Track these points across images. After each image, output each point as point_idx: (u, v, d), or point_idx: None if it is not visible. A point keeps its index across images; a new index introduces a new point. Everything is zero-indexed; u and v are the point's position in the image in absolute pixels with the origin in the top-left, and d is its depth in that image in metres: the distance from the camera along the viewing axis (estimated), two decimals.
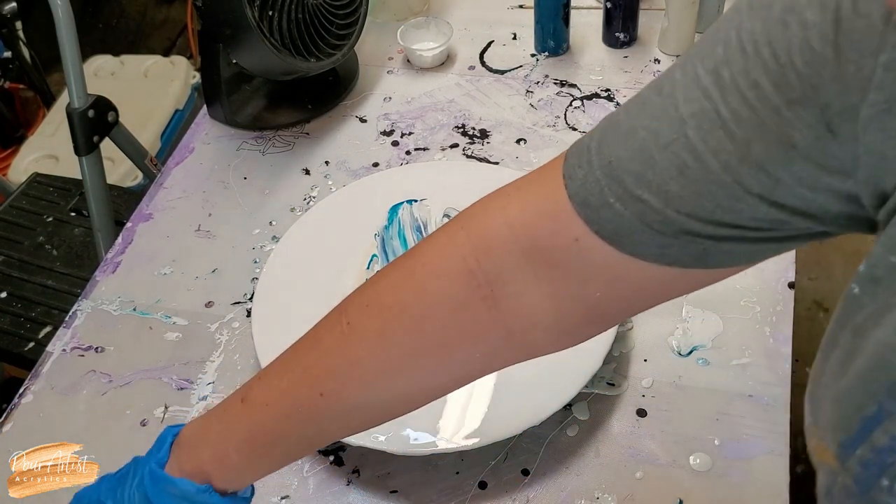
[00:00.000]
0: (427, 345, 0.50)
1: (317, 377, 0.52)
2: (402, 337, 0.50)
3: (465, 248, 0.49)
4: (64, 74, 1.12)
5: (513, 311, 0.49)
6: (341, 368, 0.51)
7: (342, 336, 0.52)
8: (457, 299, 0.49)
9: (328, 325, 0.53)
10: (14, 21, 2.00)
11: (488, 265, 0.48)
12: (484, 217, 0.50)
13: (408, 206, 0.94)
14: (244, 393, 0.54)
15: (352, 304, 0.53)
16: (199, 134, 1.12)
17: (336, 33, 1.07)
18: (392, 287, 0.51)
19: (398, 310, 0.50)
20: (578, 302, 0.48)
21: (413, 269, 0.51)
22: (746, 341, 0.81)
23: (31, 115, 2.19)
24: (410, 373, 0.51)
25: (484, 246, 0.48)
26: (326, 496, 0.74)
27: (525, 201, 0.48)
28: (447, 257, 0.49)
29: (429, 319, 0.50)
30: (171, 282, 0.93)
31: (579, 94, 1.10)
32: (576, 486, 0.73)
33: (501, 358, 0.52)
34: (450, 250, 0.49)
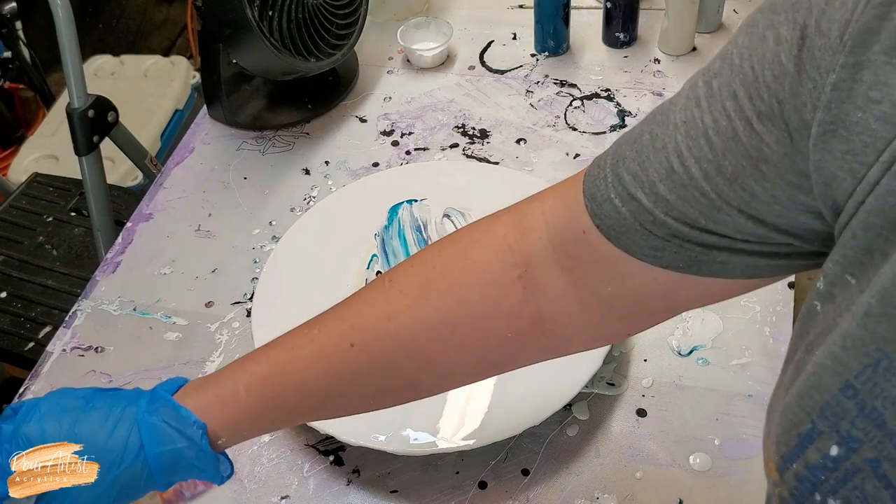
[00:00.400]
0: (463, 312, 0.51)
1: (349, 325, 0.52)
2: (440, 299, 0.51)
3: (507, 227, 0.51)
4: (64, 74, 1.12)
5: (543, 294, 0.50)
6: (376, 320, 0.51)
7: (382, 291, 0.52)
8: (496, 272, 0.50)
9: (370, 285, 0.54)
10: (14, 21, 2.00)
11: (524, 246, 0.50)
12: (527, 203, 0.52)
13: (408, 206, 0.94)
14: (275, 340, 0.54)
15: (397, 267, 0.54)
16: (199, 134, 1.12)
17: (336, 33, 1.07)
18: (438, 252, 0.53)
19: (440, 271, 0.51)
20: (596, 296, 0.49)
21: (459, 238, 0.53)
22: (746, 341, 0.81)
23: (31, 115, 2.20)
24: (442, 339, 0.51)
25: (521, 227, 0.50)
26: (326, 496, 0.74)
27: (558, 194, 0.50)
28: (491, 232, 0.51)
29: (468, 286, 0.51)
30: (171, 282, 0.93)
31: (579, 94, 1.10)
32: (576, 486, 0.73)
33: (531, 346, 0.52)
34: (495, 227, 0.52)
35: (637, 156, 0.44)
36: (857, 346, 0.34)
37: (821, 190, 0.37)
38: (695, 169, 0.41)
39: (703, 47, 1.15)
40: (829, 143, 0.36)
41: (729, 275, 0.44)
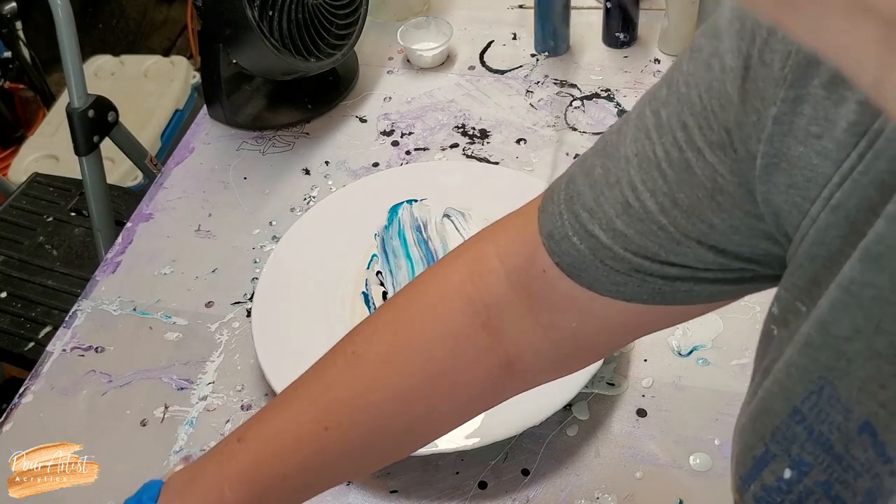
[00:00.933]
0: (433, 372, 0.50)
1: (322, 409, 0.50)
2: (407, 364, 0.50)
3: (462, 275, 0.49)
4: (64, 74, 1.12)
5: (510, 337, 0.49)
6: (347, 399, 0.50)
7: (347, 365, 0.51)
8: (459, 326, 0.49)
9: (333, 356, 0.52)
10: (14, 21, 2.00)
11: (483, 292, 0.49)
12: (479, 246, 0.50)
13: (408, 206, 0.94)
14: (241, 433, 0.52)
15: (357, 334, 0.52)
16: (199, 134, 1.12)
17: (336, 33, 1.07)
18: (397, 315, 0.51)
19: (403, 335, 0.50)
20: (562, 332, 0.48)
21: (417, 297, 0.51)
22: (746, 341, 0.81)
23: (31, 115, 2.20)
24: (417, 403, 0.50)
25: (478, 273, 0.49)
26: (326, 496, 0.74)
27: (511, 232, 0.49)
28: (449, 285, 0.50)
29: (433, 345, 0.50)
30: (171, 282, 0.93)
31: (579, 94, 1.10)
32: (576, 486, 0.73)
33: (505, 387, 0.52)
34: (451, 278, 0.50)
35: (591, 191, 0.43)
36: (800, 373, 0.34)
37: (771, 220, 0.37)
38: (651, 203, 0.40)
39: None
40: (773, 177, 0.35)
41: (694, 301, 0.44)
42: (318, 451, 0.50)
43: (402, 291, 0.52)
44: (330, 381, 0.51)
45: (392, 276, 0.88)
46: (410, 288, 0.52)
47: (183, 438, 0.78)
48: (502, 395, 0.53)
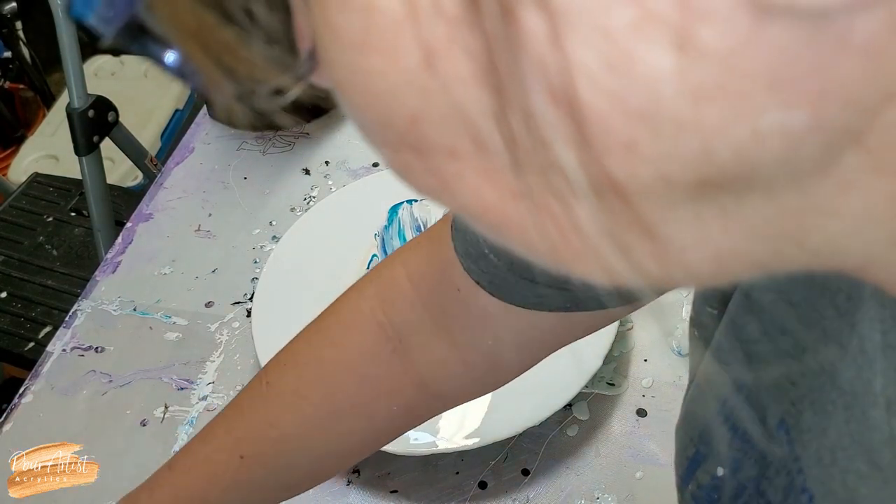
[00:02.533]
0: (343, 401, 0.49)
1: (237, 440, 0.50)
2: (317, 394, 0.49)
3: (373, 300, 0.49)
4: (64, 74, 1.12)
5: (422, 361, 0.48)
6: (260, 429, 0.50)
7: (261, 397, 0.51)
8: (369, 352, 0.49)
9: (250, 388, 0.52)
10: (14, 21, 2.00)
11: (394, 317, 0.48)
12: (389, 269, 0.50)
13: (408, 206, 0.94)
14: (171, 462, 0.53)
15: (271, 364, 0.52)
16: (199, 134, 1.12)
17: None
18: (307, 344, 0.51)
19: (313, 365, 0.50)
20: (477, 351, 0.47)
21: (327, 324, 0.51)
22: None
23: (31, 115, 2.20)
24: (329, 432, 0.50)
25: (388, 298, 0.48)
26: (326, 496, 0.74)
27: (421, 253, 0.48)
28: (358, 311, 0.49)
29: (343, 374, 0.49)
30: (171, 282, 0.93)
31: None
32: (576, 486, 0.73)
33: (421, 410, 0.51)
34: (360, 304, 0.50)
35: None
36: (717, 377, 0.35)
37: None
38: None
39: None
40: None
41: (615, 304, 0.43)
42: (236, 480, 0.50)
43: (316, 320, 0.52)
44: (245, 412, 0.51)
45: None
46: (323, 316, 0.51)
47: (183, 438, 0.78)
48: (419, 418, 0.52)
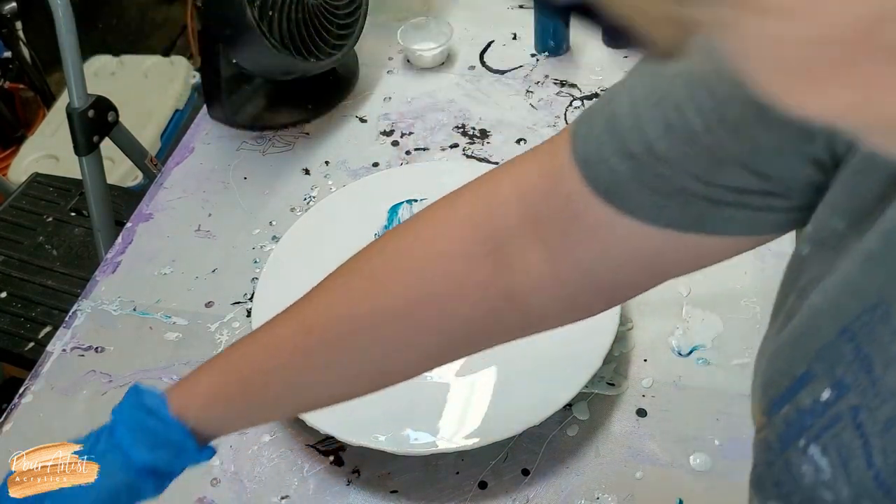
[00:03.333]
0: (424, 292, 0.49)
1: (308, 315, 0.51)
2: (398, 282, 0.49)
3: (472, 206, 0.49)
4: (64, 74, 1.12)
5: (516, 269, 0.48)
6: (334, 307, 0.50)
7: (342, 278, 0.52)
8: (460, 251, 0.49)
9: (330, 275, 0.53)
10: (14, 21, 2.00)
11: (493, 222, 0.48)
12: (492, 181, 0.50)
13: (408, 206, 0.94)
14: (237, 342, 0.54)
15: (358, 254, 0.52)
16: (199, 134, 1.12)
17: (336, 33, 1.07)
18: (396, 235, 0.52)
19: (400, 254, 0.50)
20: (575, 268, 0.47)
21: (419, 220, 0.51)
22: (746, 341, 0.81)
23: (31, 115, 2.20)
24: (405, 324, 0.49)
25: (489, 204, 0.48)
26: (326, 496, 0.74)
27: (531, 163, 0.48)
28: (454, 214, 0.50)
29: (428, 266, 0.49)
30: (171, 282, 0.93)
31: (579, 94, 1.10)
32: (576, 486, 0.73)
33: (498, 324, 0.50)
34: (458, 204, 0.50)
35: (632, 111, 0.41)
36: (856, 290, 0.34)
37: (823, 139, 0.36)
38: (696, 121, 0.39)
39: None
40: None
41: (730, 231, 0.42)
42: (299, 354, 0.50)
43: (408, 220, 0.52)
44: (321, 290, 0.52)
45: None
46: (413, 218, 0.52)
47: None
48: (496, 333, 0.51)
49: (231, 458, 0.77)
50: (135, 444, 0.50)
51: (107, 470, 0.50)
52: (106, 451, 0.51)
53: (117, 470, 0.50)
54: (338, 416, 0.75)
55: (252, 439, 0.78)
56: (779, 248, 0.91)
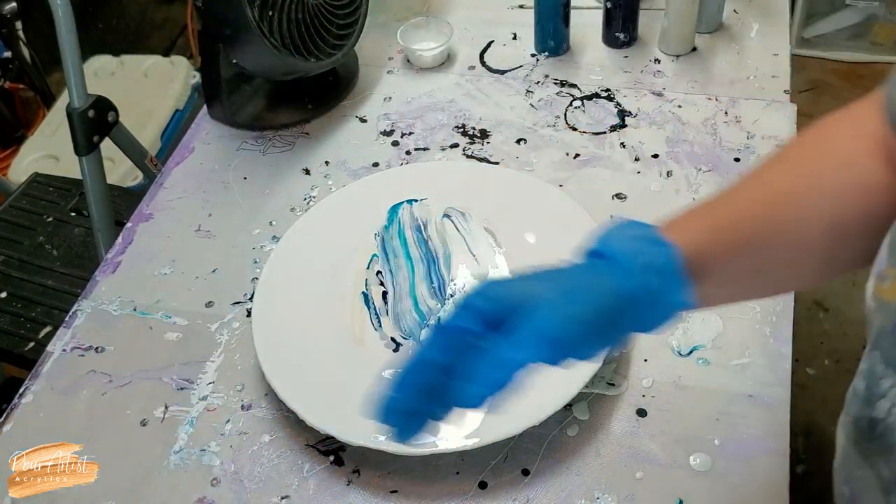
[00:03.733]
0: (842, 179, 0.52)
1: (763, 193, 0.53)
2: (818, 166, 0.53)
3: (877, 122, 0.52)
4: (64, 74, 1.12)
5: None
6: (777, 191, 0.53)
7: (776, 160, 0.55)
8: (869, 149, 0.51)
9: (816, 128, 0.56)
10: (14, 21, 2.00)
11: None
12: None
13: (408, 206, 0.94)
14: (710, 201, 0.54)
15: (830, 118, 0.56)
16: (199, 134, 1.12)
17: (336, 33, 1.07)
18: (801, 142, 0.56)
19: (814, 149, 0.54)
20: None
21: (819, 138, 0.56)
22: (746, 341, 0.81)
23: (31, 115, 2.20)
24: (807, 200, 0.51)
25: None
26: (326, 496, 0.74)
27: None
28: (863, 126, 0.53)
29: (846, 157, 0.52)
30: (171, 282, 0.93)
31: (579, 94, 1.10)
32: (576, 486, 0.73)
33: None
34: (865, 120, 0.53)
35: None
36: None
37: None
38: None
39: (703, 47, 1.15)
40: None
41: None
42: (770, 218, 0.52)
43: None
44: (804, 156, 0.54)
45: (392, 276, 0.88)
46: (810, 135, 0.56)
47: (183, 438, 0.78)
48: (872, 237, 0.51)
49: (231, 458, 0.77)
50: (626, 260, 0.48)
51: (592, 285, 0.48)
52: (591, 268, 0.49)
53: (604, 288, 0.48)
54: (338, 416, 0.75)
55: (252, 439, 0.78)
56: None
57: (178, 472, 0.76)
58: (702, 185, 0.96)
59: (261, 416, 0.80)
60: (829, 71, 2.34)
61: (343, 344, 0.82)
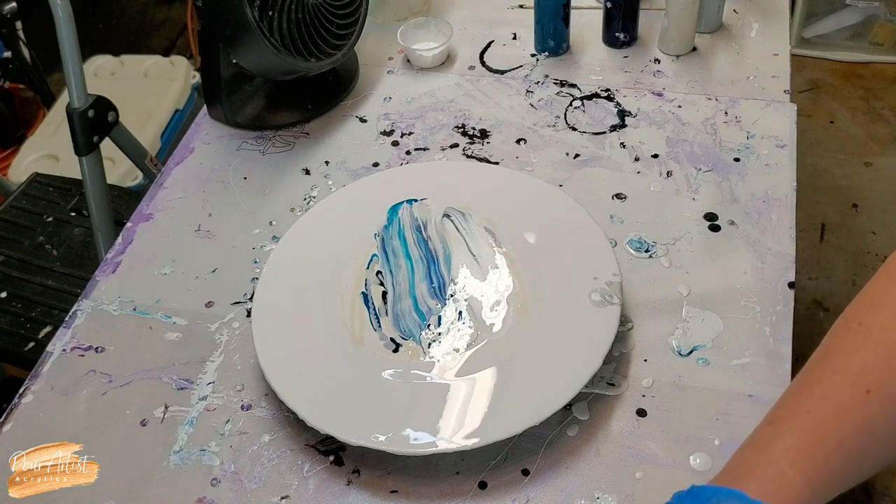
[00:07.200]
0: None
1: (854, 376, 0.49)
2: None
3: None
4: (64, 74, 1.13)
5: None
6: (875, 363, 0.49)
7: (861, 335, 0.50)
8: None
9: (837, 332, 0.51)
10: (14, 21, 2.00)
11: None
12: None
13: (408, 206, 0.94)
14: (769, 419, 0.51)
15: (856, 307, 0.52)
16: (199, 134, 1.12)
17: (336, 33, 1.07)
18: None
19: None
20: None
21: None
22: (746, 341, 0.81)
23: (31, 115, 2.20)
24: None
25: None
26: (326, 496, 0.74)
27: None
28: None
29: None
30: (171, 282, 0.93)
31: (579, 94, 1.10)
32: (576, 486, 0.73)
33: None
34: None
35: None
36: None
37: None
38: None
39: (703, 47, 1.15)
40: None
41: None
42: (866, 417, 0.48)
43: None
44: (846, 350, 0.50)
45: (392, 276, 0.88)
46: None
47: (183, 438, 0.79)
48: None
49: (231, 458, 0.77)
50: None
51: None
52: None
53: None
54: (338, 416, 0.75)
55: (252, 439, 0.78)
56: (779, 248, 0.91)
57: (178, 472, 0.76)
58: (701, 185, 0.96)
59: (261, 416, 0.80)
60: (828, 71, 2.34)
61: (343, 344, 0.82)
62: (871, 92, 2.27)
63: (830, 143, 2.15)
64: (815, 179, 2.08)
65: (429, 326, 0.83)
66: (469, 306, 0.84)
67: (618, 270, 0.82)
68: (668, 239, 0.91)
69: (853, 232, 1.97)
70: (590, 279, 0.82)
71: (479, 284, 0.86)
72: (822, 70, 2.35)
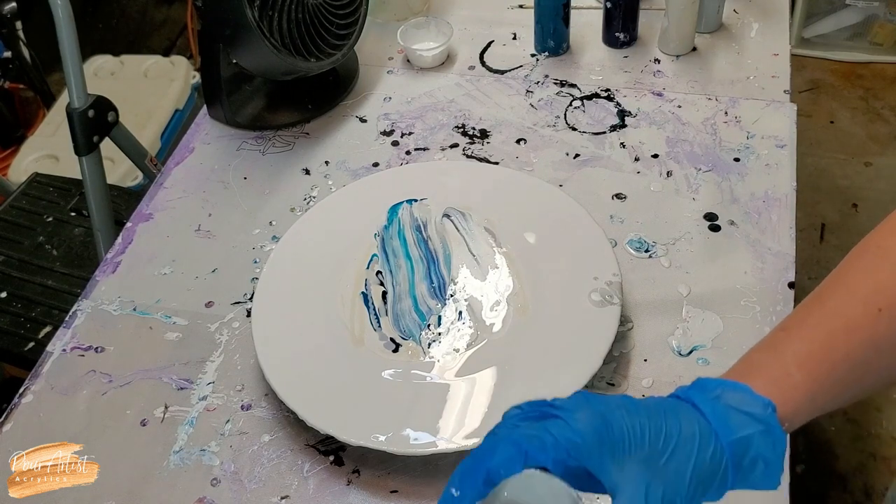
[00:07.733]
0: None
1: (866, 294, 0.50)
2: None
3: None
4: (64, 74, 1.13)
5: None
6: (891, 283, 0.50)
7: (878, 256, 0.52)
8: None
9: (856, 255, 0.53)
10: (14, 21, 2.00)
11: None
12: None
13: (408, 206, 0.94)
14: (782, 325, 0.52)
15: (872, 235, 0.53)
16: (199, 134, 1.12)
17: (336, 33, 1.07)
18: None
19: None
20: None
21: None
22: (746, 341, 0.81)
23: (31, 115, 2.20)
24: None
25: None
26: (326, 496, 0.74)
27: None
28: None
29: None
30: (171, 282, 0.93)
31: (579, 94, 1.10)
32: None
33: None
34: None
35: None
36: None
37: None
38: None
39: (703, 47, 1.15)
40: None
41: None
42: (875, 333, 0.49)
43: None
44: (863, 270, 0.51)
45: (392, 276, 0.88)
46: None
47: (183, 438, 0.79)
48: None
49: (231, 458, 0.77)
50: (725, 418, 0.47)
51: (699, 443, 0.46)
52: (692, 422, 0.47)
53: (706, 447, 0.46)
54: (338, 416, 0.75)
55: (252, 439, 0.78)
56: (779, 248, 0.91)
57: (178, 472, 0.76)
58: (701, 185, 0.96)
59: (261, 416, 0.80)
60: (828, 71, 2.34)
61: (342, 344, 0.82)
62: (870, 92, 2.27)
63: (830, 143, 2.15)
64: (815, 179, 2.08)
65: (429, 326, 0.83)
66: (469, 306, 0.84)
67: (618, 270, 0.82)
68: (668, 239, 0.91)
69: (853, 232, 1.96)
70: (590, 279, 0.82)
71: (479, 284, 0.86)
72: (821, 70, 2.35)
